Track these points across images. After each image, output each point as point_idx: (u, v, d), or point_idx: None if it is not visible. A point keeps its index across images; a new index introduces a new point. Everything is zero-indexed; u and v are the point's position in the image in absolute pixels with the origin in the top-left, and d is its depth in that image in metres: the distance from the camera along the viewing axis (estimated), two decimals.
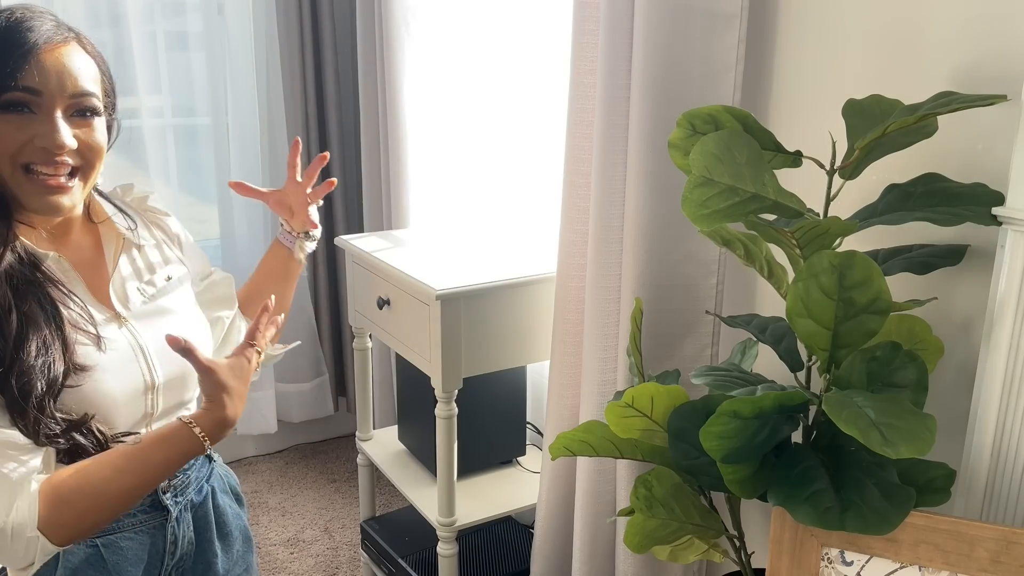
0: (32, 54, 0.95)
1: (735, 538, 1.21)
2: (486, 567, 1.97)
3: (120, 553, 1.08)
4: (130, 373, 1.05)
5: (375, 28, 2.39)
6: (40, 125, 0.96)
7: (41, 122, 0.96)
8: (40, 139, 0.96)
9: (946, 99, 0.99)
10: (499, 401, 1.95)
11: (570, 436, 1.16)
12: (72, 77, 0.97)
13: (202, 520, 1.18)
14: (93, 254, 1.11)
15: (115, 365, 1.04)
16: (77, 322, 1.01)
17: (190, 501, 1.16)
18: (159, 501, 1.12)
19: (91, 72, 1.01)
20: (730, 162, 0.99)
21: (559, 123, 1.77)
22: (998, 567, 0.92)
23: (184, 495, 1.15)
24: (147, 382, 1.07)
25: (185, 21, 2.58)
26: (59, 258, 1.04)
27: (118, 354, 1.04)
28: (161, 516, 1.12)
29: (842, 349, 0.98)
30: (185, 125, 2.68)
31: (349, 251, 2.00)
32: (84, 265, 1.08)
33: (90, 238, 1.11)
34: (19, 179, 0.97)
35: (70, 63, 0.98)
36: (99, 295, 1.07)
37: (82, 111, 0.99)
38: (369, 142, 2.55)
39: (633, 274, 1.44)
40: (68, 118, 0.98)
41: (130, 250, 1.13)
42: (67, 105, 0.98)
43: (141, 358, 1.07)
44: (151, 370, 1.07)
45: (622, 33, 1.38)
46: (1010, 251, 0.99)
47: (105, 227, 1.13)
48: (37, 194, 0.98)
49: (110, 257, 1.11)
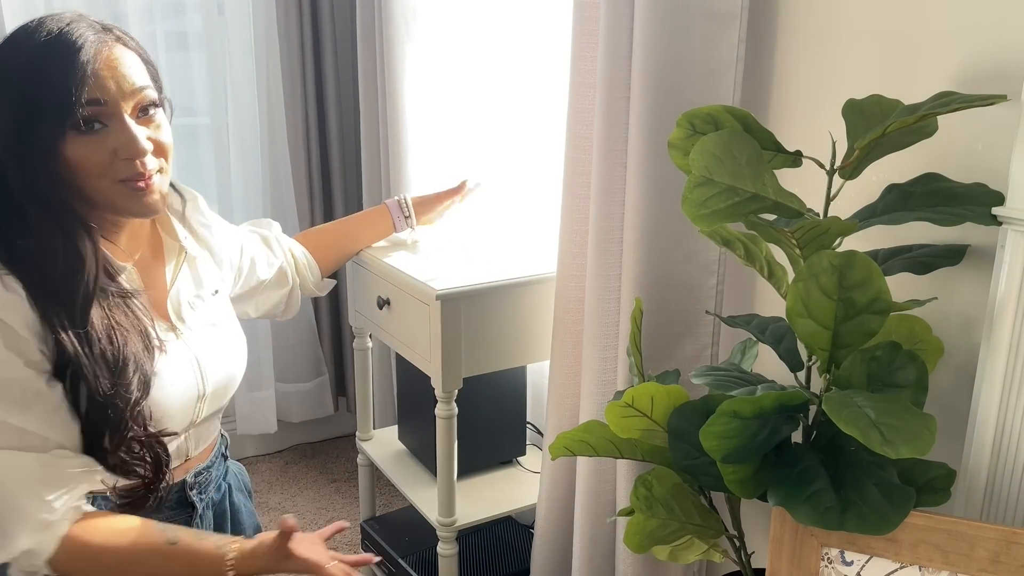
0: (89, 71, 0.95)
1: (735, 538, 1.21)
2: (486, 567, 1.97)
3: None
4: (186, 383, 1.08)
5: (375, 28, 2.39)
6: (116, 136, 0.97)
7: (116, 132, 0.97)
8: (123, 150, 0.98)
9: (946, 99, 0.99)
10: (499, 401, 1.95)
11: (570, 436, 1.16)
12: (127, 79, 0.99)
13: (220, 517, 1.21)
14: (154, 265, 1.13)
15: (174, 375, 1.06)
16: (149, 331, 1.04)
17: (211, 499, 1.18)
18: (186, 498, 1.13)
19: (139, 66, 1.02)
20: (730, 162, 0.99)
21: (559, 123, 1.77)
22: (998, 567, 0.92)
23: (207, 492, 1.17)
24: (199, 391, 1.10)
25: (185, 21, 2.58)
26: (133, 270, 1.06)
27: (177, 364, 1.06)
28: (187, 513, 1.14)
29: (842, 349, 0.98)
30: (185, 125, 2.68)
31: None
32: (147, 276, 1.11)
33: (153, 248, 1.13)
34: (115, 191, 0.99)
35: (121, 65, 0.99)
36: (157, 306, 1.10)
37: (144, 108, 1.01)
38: (369, 142, 2.55)
39: (633, 274, 1.44)
40: (136, 119, 1.00)
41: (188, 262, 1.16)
42: (132, 107, 0.99)
43: (196, 368, 1.09)
44: (203, 380, 1.10)
45: (622, 33, 1.38)
46: (1010, 251, 0.99)
47: (168, 237, 1.15)
48: (133, 199, 1.00)
49: (170, 269, 1.13)
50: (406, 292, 1.74)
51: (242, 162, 2.66)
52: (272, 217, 2.75)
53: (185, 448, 1.12)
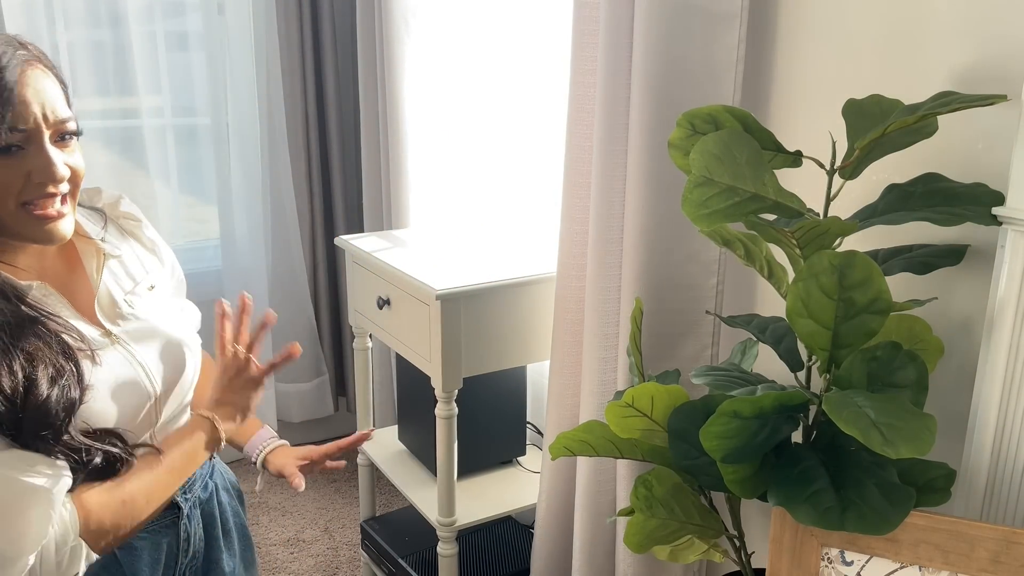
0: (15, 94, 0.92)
1: (735, 538, 1.21)
2: (486, 567, 1.97)
3: (135, 554, 1.08)
4: (131, 388, 1.04)
5: (375, 28, 2.39)
6: (33, 160, 0.94)
7: (33, 156, 0.94)
8: (37, 174, 0.95)
9: (946, 99, 0.99)
10: (499, 401, 1.95)
11: (570, 436, 1.16)
12: (50, 105, 0.96)
13: (208, 517, 1.19)
14: (73, 273, 1.08)
15: (114, 382, 1.02)
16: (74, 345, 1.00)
17: (198, 498, 1.17)
18: (171, 498, 1.12)
19: (59, 92, 0.99)
20: (730, 162, 0.99)
21: (559, 123, 1.77)
22: (998, 567, 0.92)
23: (192, 491, 1.16)
24: (150, 392, 1.06)
25: (185, 21, 2.58)
26: (43, 285, 1.02)
27: (116, 371, 1.03)
28: (173, 514, 1.12)
29: (842, 349, 0.98)
30: (185, 125, 2.68)
31: (349, 251, 2.00)
32: (66, 286, 1.06)
33: (66, 256, 1.09)
34: (20, 216, 0.96)
35: (44, 90, 0.96)
36: (86, 314, 1.06)
37: (63, 135, 0.98)
38: (369, 142, 2.55)
39: (633, 274, 1.44)
40: (55, 143, 0.97)
41: (110, 261, 1.11)
42: (51, 133, 0.96)
43: (140, 371, 1.06)
44: (151, 382, 1.07)
45: (622, 33, 1.38)
46: (1010, 251, 0.99)
47: (82, 242, 1.10)
48: (38, 225, 0.97)
49: (92, 273, 1.09)
50: (406, 292, 1.74)
51: (242, 162, 2.66)
52: (272, 217, 2.78)
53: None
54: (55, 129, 0.97)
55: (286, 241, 2.79)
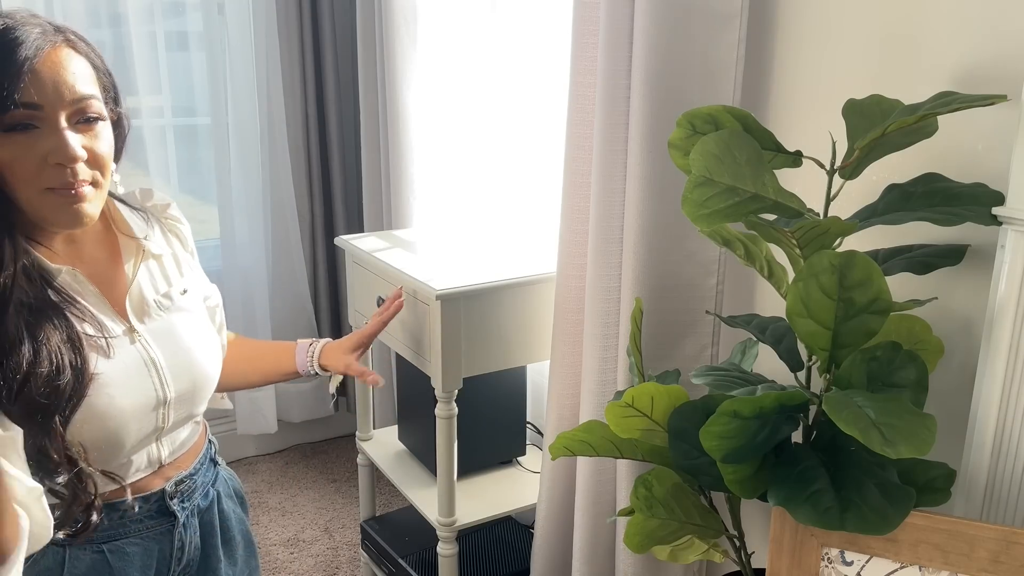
0: (25, 69, 0.91)
1: (735, 538, 1.21)
2: (486, 567, 1.97)
3: (126, 559, 1.07)
4: (141, 388, 1.04)
5: (375, 28, 2.39)
6: (48, 140, 0.93)
7: (48, 136, 0.93)
8: (53, 155, 0.93)
9: (946, 99, 0.99)
10: (499, 401, 1.95)
11: (570, 436, 1.16)
12: (68, 84, 0.95)
13: (208, 526, 1.18)
14: (111, 265, 1.08)
15: (126, 379, 1.02)
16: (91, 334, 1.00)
17: (196, 506, 1.15)
18: (166, 507, 1.11)
19: (87, 73, 0.98)
20: (730, 162, 0.99)
21: (559, 123, 1.77)
22: (998, 567, 0.92)
23: (191, 500, 1.14)
24: (159, 397, 1.05)
25: (185, 21, 2.59)
26: (74, 271, 1.01)
27: (130, 368, 1.03)
28: (168, 522, 1.11)
29: (842, 349, 0.98)
30: (185, 125, 2.68)
31: (349, 251, 2.00)
32: (100, 277, 1.06)
33: (107, 249, 1.09)
34: (42, 200, 0.95)
35: (64, 69, 0.95)
36: (116, 307, 1.06)
37: (85, 117, 0.97)
38: (369, 142, 2.55)
39: (633, 274, 1.44)
40: (73, 126, 0.96)
41: (149, 261, 1.11)
42: (70, 113, 0.95)
43: (153, 373, 1.05)
44: (163, 385, 1.06)
45: (622, 33, 1.38)
46: (1010, 251, 0.99)
47: (124, 237, 1.10)
48: (60, 208, 0.96)
49: (129, 268, 1.09)
50: (406, 292, 1.74)
51: (242, 162, 2.66)
52: (272, 217, 2.78)
53: (157, 455, 1.09)
54: (74, 109, 0.95)
55: (286, 241, 2.79)
